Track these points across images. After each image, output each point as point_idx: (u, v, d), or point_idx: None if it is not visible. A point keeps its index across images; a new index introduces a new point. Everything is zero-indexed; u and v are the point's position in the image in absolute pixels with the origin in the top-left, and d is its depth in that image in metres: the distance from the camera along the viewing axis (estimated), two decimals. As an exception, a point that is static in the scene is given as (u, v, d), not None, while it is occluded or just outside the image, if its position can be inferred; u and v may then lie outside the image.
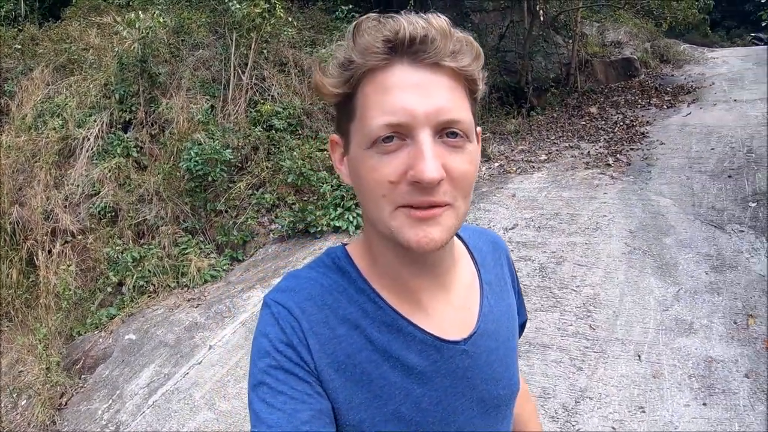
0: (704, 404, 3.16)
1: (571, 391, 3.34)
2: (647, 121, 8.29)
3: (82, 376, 4.63)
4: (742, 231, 4.81)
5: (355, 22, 0.75)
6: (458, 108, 0.74)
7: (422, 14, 0.74)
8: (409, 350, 0.81)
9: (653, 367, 3.46)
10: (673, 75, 10.95)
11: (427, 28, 0.72)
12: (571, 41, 10.38)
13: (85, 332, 5.11)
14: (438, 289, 0.87)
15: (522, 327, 1.11)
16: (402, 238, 0.74)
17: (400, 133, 0.72)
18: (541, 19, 9.24)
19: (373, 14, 0.75)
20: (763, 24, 7.09)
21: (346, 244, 0.90)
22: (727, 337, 3.65)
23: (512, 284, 1.04)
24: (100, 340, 4.89)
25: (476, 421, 0.87)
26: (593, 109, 9.36)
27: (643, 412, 3.14)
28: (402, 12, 0.74)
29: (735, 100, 8.49)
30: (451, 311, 0.87)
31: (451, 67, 0.74)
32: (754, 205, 5.17)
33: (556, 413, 3.18)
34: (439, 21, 0.73)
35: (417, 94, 0.71)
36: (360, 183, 0.77)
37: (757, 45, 15.32)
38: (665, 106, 8.96)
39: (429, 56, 0.72)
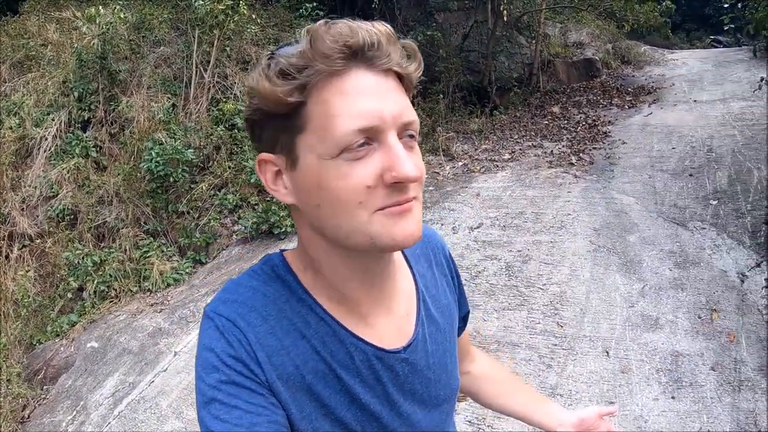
0: (672, 397, 3.21)
1: (542, 388, 3.35)
2: (609, 121, 8.43)
3: (45, 387, 4.46)
4: (704, 228, 4.91)
5: (308, 28, 0.73)
6: (411, 110, 0.76)
7: (364, 21, 0.74)
8: (352, 361, 0.82)
9: (621, 363, 3.50)
10: (633, 76, 11.16)
11: (379, 34, 0.72)
12: (533, 41, 10.48)
13: (45, 340, 4.92)
14: (381, 299, 0.87)
15: (465, 318, 1.13)
16: (385, 241, 0.73)
17: (369, 138, 0.71)
18: (505, 19, 9.30)
19: (322, 20, 0.74)
20: (725, 28, 7.27)
21: (284, 251, 0.89)
22: (692, 332, 3.72)
23: (451, 278, 1.05)
24: (62, 348, 4.72)
25: (422, 423, 0.90)
26: (556, 109, 9.47)
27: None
28: (336, 17, 0.74)
29: (695, 101, 8.69)
30: (392, 320, 0.88)
31: (399, 73, 0.75)
32: (714, 202, 5.29)
33: (528, 411, 3.18)
34: (385, 28, 0.74)
35: (379, 97, 0.72)
36: (326, 195, 0.73)
37: (716, 47, 15.74)
38: (626, 106, 9.12)
39: (383, 63, 0.73)
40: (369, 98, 0.71)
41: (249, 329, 0.77)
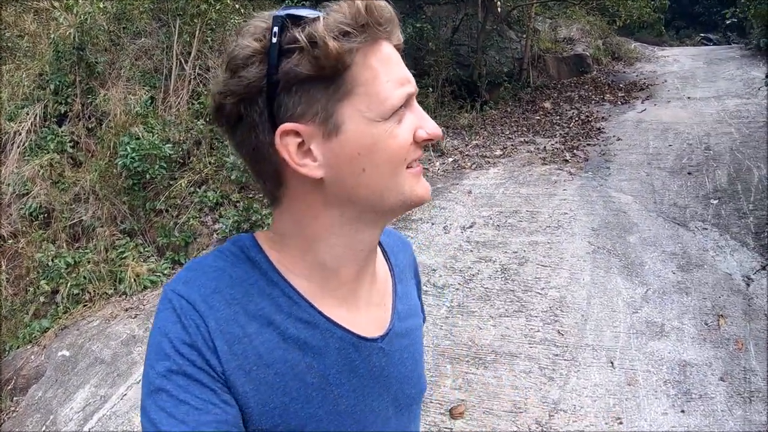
0: (682, 411, 3.02)
1: (544, 403, 3.14)
2: (602, 117, 8.27)
3: (15, 398, 4.21)
4: (706, 228, 4.74)
5: None
6: None
7: None
8: (327, 348, 0.78)
9: (627, 374, 3.30)
10: (625, 72, 11.04)
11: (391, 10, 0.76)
12: (524, 36, 10.33)
13: (17, 347, 4.66)
14: (363, 283, 0.85)
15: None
16: (415, 197, 0.78)
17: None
18: (499, 10, 9.11)
19: None
20: (727, 22, 7.16)
21: (253, 232, 0.85)
22: (699, 339, 3.54)
23: (416, 285, 1.05)
24: (32, 356, 4.45)
25: (392, 422, 0.86)
26: (547, 104, 9.31)
27: (621, 423, 2.97)
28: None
29: (689, 98, 8.55)
30: (369, 307, 0.86)
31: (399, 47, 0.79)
32: (715, 202, 5.12)
33: (530, 429, 2.97)
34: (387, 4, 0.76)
35: (403, 66, 0.76)
36: (377, 155, 0.73)
37: (706, 45, 15.71)
38: (619, 102, 8.98)
39: (396, 37, 0.77)
40: (401, 67, 0.76)
41: (210, 314, 0.72)
